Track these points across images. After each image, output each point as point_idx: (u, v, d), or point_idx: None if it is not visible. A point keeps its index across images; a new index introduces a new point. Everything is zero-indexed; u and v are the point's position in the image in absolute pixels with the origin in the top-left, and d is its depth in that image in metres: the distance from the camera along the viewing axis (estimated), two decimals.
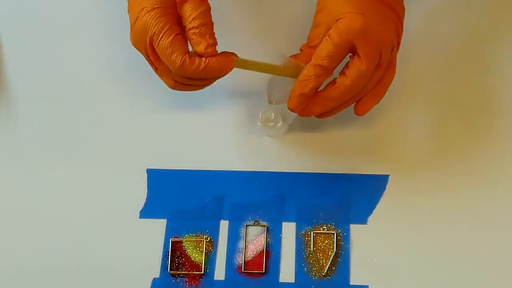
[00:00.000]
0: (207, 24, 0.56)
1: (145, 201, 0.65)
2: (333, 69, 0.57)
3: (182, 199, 0.65)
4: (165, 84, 0.61)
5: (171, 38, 0.56)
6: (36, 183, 0.67)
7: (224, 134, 0.68)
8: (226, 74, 0.58)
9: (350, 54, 0.57)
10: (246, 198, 0.65)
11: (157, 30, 0.56)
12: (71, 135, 0.69)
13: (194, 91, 0.61)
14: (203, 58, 0.56)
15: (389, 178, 0.65)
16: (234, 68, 0.58)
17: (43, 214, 0.65)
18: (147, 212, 0.65)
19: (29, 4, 0.75)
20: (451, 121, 0.67)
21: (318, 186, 0.65)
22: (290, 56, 0.59)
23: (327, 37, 0.56)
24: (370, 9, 0.56)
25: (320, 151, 0.66)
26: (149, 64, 0.60)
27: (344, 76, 0.56)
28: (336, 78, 0.57)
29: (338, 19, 0.56)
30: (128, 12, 0.59)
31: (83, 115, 0.69)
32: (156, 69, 0.60)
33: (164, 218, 0.64)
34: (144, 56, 0.59)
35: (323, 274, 0.61)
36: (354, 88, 0.57)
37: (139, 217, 0.65)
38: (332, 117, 0.62)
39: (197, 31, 0.56)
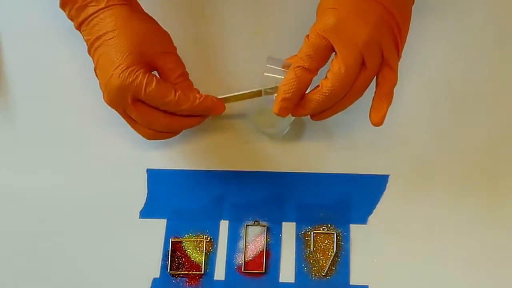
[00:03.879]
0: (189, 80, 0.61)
1: (145, 201, 0.65)
2: (316, 69, 0.55)
3: (182, 199, 0.65)
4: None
5: (154, 82, 0.57)
6: (36, 183, 0.67)
7: (224, 134, 0.68)
8: (216, 113, 0.61)
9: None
10: (246, 198, 0.65)
11: (138, 82, 0.57)
12: (71, 135, 0.69)
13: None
14: (197, 95, 0.59)
15: (389, 178, 0.65)
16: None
17: (43, 214, 0.65)
18: (147, 212, 0.65)
19: (29, 4, 0.75)
20: (452, 121, 0.67)
21: (318, 186, 0.65)
22: (294, 56, 0.59)
23: (306, 37, 0.55)
24: (350, 5, 0.54)
25: (320, 151, 0.66)
26: (124, 119, 0.62)
27: (326, 78, 0.55)
28: (321, 80, 0.56)
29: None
30: (95, 70, 0.60)
31: (83, 115, 0.69)
32: (134, 123, 0.61)
33: (164, 218, 0.64)
34: (120, 113, 0.61)
35: (323, 274, 0.61)
36: (336, 91, 0.54)
37: (139, 217, 0.65)
38: (332, 117, 0.62)
39: (184, 84, 0.60)
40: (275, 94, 0.57)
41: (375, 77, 0.57)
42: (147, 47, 0.59)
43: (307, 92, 0.57)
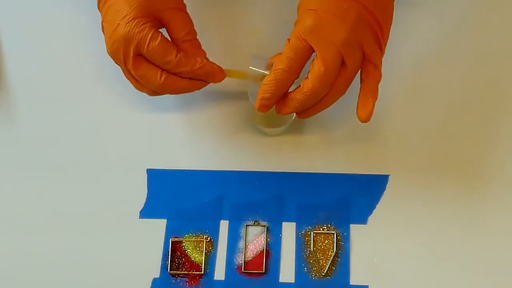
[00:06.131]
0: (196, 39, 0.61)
1: (145, 201, 0.65)
2: (296, 71, 0.55)
3: (182, 199, 0.65)
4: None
5: (159, 39, 0.57)
6: (36, 183, 0.67)
7: (224, 134, 0.68)
8: (215, 81, 0.60)
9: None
10: (246, 198, 0.65)
11: (144, 35, 0.56)
12: (71, 135, 0.69)
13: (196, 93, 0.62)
14: (198, 59, 0.58)
15: (389, 178, 0.65)
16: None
17: (43, 214, 0.65)
18: (147, 212, 0.65)
19: (29, 4, 0.75)
20: (452, 121, 0.67)
21: (318, 186, 0.65)
22: (278, 54, 0.59)
23: (287, 40, 0.56)
24: (329, 6, 0.54)
25: (320, 151, 0.66)
26: (125, 74, 0.61)
27: (306, 78, 0.56)
28: (302, 80, 0.57)
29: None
30: (102, 23, 0.60)
31: (83, 115, 0.69)
32: (135, 80, 0.60)
33: (164, 218, 0.64)
34: (122, 66, 0.60)
35: (323, 274, 0.61)
36: (317, 90, 0.55)
37: (139, 217, 0.65)
38: (331, 118, 0.62)
39: (192, 43, 0.60)
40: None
41: (358, 74, 0.57)
42: (156, 1, 0.58)
43: (290, 90, 0.57)
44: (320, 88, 0.55)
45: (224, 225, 0.64)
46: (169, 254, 0.63)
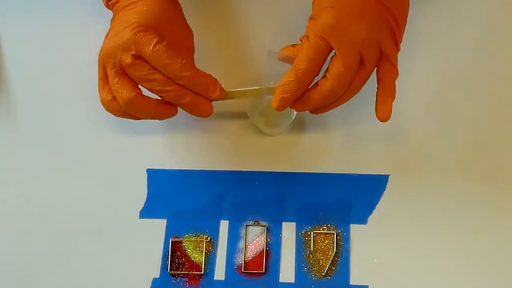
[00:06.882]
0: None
1: (145, 201, 0.65)
2: (318, 70, 0.55)
3: (182, 199, 0.65)
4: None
5: (164, 43, 0.55)
6: (36, 183, 0.67)
7: (224, 134, 0.68)
8: (211, 97, 0.58)
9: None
10: (246, 198, 0.65)
11: (149, 38, 0.55)
12: (71, 135, 0.69)
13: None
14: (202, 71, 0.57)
15: (389, 178, 0.65)
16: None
17: (43, 214, 0.65)
18: (147, 212, 0.65)
19: (30, 4, 0.75)
20: (451, 121, 0.67)
21: (318, 186, 0.65)
22: (289, 45, 0.59)
23: (305, 38, 0.55)
24: (346, 3, 0.54)
25: (321, 151, 0.66)
26: (100, 82, 0.58)
27: (325, 78, 0.55)
28: (320, 79, 0.56)
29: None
30: (112, 22, 0.59)
31: (83, 115, 0.69)
32: (107, 89, 0.58)
33: (164, 218, 0.64)
34: (110, 68, 0.57)
35: (323, 274, 0.61)
36: (335, 90, 0.55)
37: (139, 217, 0.65)
38: (332, 118, 0.62)
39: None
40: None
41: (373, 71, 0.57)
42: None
43: None
44: (338, 87, 0.55)
45: (224, 225, 0.64)
46: (169, 254, 0.63)
